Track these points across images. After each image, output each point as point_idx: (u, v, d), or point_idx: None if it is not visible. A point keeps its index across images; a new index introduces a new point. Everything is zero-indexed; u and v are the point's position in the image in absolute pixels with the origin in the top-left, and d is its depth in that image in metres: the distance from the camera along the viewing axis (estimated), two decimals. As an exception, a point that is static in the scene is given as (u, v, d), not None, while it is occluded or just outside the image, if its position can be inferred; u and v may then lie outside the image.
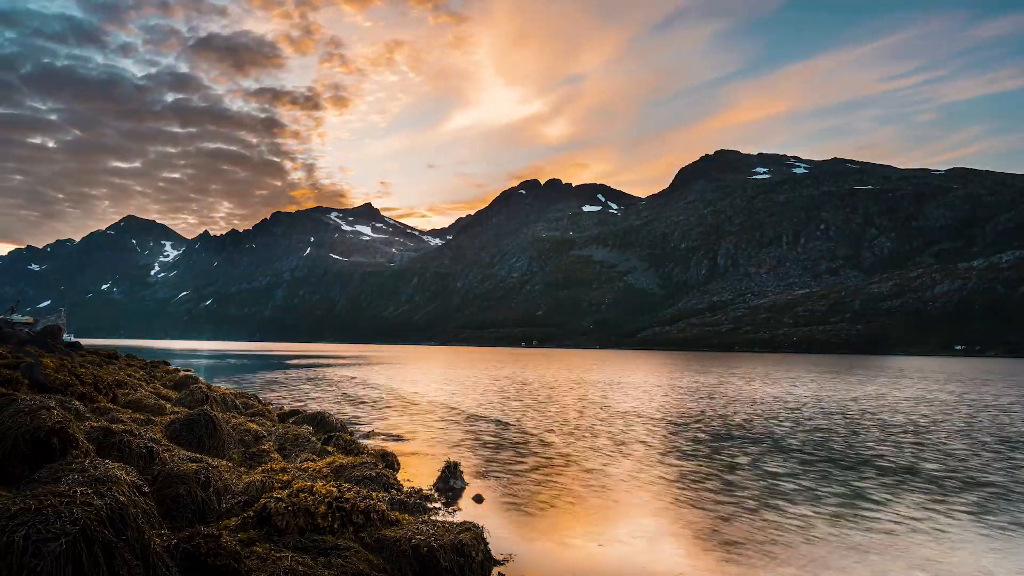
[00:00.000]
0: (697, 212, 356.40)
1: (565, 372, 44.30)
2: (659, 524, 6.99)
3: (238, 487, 5.83)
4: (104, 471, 3.96)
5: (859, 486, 8.90)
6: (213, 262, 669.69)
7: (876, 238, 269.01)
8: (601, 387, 28.94)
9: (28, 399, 5.16)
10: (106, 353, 22.15)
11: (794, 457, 11.15)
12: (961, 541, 6.50)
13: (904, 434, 14.39)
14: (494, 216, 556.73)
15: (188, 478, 5.23)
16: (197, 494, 5.17)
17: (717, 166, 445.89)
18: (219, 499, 5.36)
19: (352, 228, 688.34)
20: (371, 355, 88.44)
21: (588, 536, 6.48)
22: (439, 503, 7.52)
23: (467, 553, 5.02)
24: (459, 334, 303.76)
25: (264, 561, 4.09)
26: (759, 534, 6.57)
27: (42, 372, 9.04)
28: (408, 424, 14.94)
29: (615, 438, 13.05)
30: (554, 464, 10.22)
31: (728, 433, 14.12)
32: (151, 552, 3.47)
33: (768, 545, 6.21)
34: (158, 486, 5.02)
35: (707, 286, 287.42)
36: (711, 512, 7.41)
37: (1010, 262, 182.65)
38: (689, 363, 70.57)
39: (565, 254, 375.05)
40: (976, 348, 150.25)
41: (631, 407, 19.64)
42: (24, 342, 17.15)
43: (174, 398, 12.25)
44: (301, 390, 24.70)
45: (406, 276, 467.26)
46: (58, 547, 2.99)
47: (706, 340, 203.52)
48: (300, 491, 5.29)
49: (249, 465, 7.34)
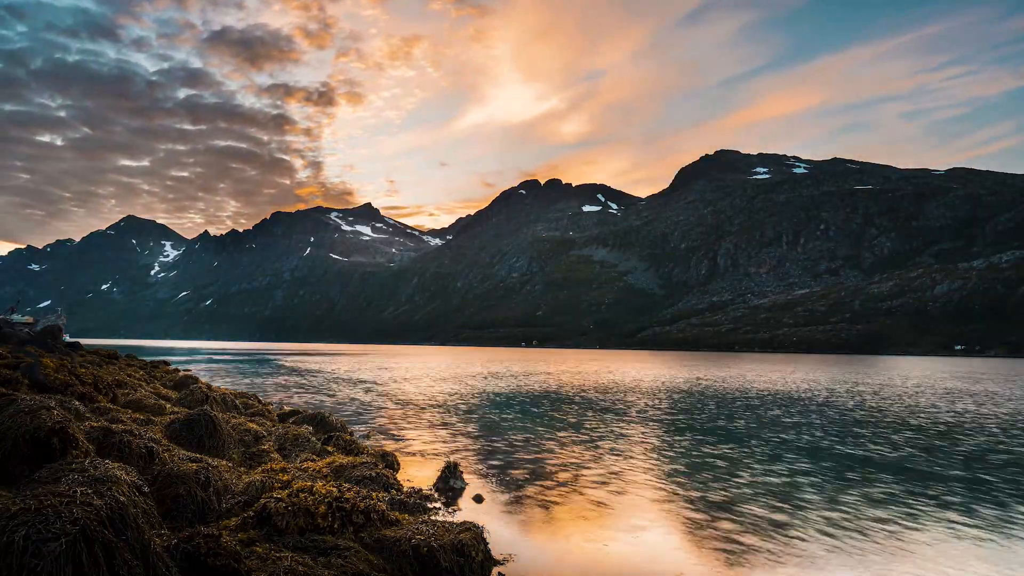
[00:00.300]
0: (697, 212, 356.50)
1: (565, 372, 44.30)
2: (660, 524, 6.98)
3: (238, 487, 5.83)
4: (104, 471, 3.96)
5: (864, 487, 8.90)
6: (213, 262, 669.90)
7: (876, 238, 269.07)
8: (601, 386, 28.94)
9: (28, 399, 5.16)
10: (106, 353, 22.15)
11: (799, 457, 11.15)
12: (985, 544, 6.50)
13: (918, 437, 14.39)
14: (494, 216, 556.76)
15: (188, 478, 5.22)
16: (197, 494, 5.16)
17: (717, 166, 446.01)
18: (219, 499, 5.35)
19: (352, 228, 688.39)
20: (371, 355, 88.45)
21: (589, 536, 6.48)
22: (439, 503, 7.51)
23: (467, 553, 5.02)
24: (459, 334, 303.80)
25: (264, 561, 4.09)
26: (760, 534, 6.57)
27: (42, 372, 9.04)
28: (408, 424, 14.94)
29: (616, 438, 13.05)
30: (554, 464, 10.22)
31: (729, 432, 14.12)
32: (151, 552, 3.47)
33: (769, 545, 6.21)
34: (158, 486, 5.02)
35: (707, 286, 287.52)
36: (712, 512, 7.41)
37: (1010, 262, 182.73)
38: (689, 363, 70.59)
39: (565, 254, 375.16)
40: (976, 348, 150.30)
41: (631, 407, 19.65)
42: (24, 342, 17.15)
43: (174, 398, 12.25)
44: (301, 390, 24.70)
45: (406, 276, 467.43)
46: (58, 547, 2.99)
47: (706, 340, 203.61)
48: (300, 491, 5.29)
49: (249, 465, 7.34)
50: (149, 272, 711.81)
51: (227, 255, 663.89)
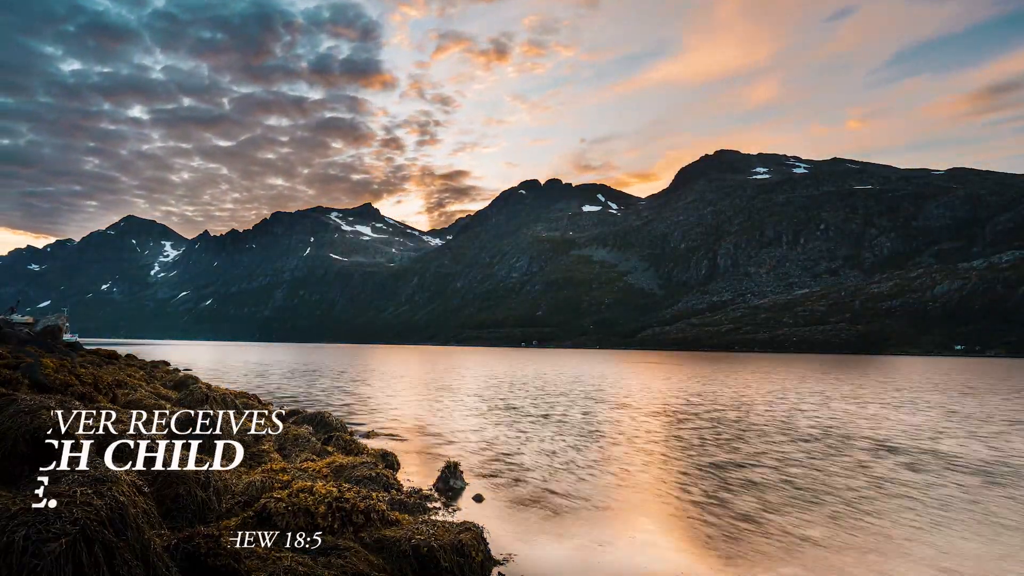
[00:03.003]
0: (697, 212, 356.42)
1: (565, 371, 44.28)
2: (659, 524, 6.98)
3: (238, 487, 5.83)
4: (104, 471, 3.95)
5: (866, 488, 8.90)
6: (213, 262, 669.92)
7: (876, 238, 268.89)
8: (601, 386, 28.93)
9: (28, 399, 5.17)
10: (106, 353, 22.16)
11: (797, 457, 11.14)
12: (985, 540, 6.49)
13: (922, 438, 14.39)
14: (494, 216, 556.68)
15: (188, 478, 5.22)
16: (197, 494, 5.16)
17: (717, 166, 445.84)
18: (219, 499, 5.36)
19: (352, 228, 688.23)
20: (371, 355, 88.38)
21: (588, 536, 6.48)
22: (439, 503, 7.51)
23: (467, 553, 5.02)
24: (459, 334, 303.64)
25: (264, 561, 4.09)
26: (760, 534, 6.57)
27: (42, 372, 9.04)
28: (408, 424, 14.94)
29: (616, 438, 13.05)
30: (554, 464, 10.22)
31: (730, 432, 14.12)
32: (151, 552, 3.48)
33: (769, 545, 6.21)
34: (158, 486, 5.02)
35: (707, 286, 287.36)
36: (712, 512, 7.41)
37: (1010, 262, 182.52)
38: (689, 363, 70.54)
39: (565, 254, 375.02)
40: (976, 348, 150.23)
41: (631, 406, 19.64)
42: (24, 342, 17.15)
43: (174, 398, 12.24)
44: (301, 390, 24.70)
45: (406, 276, 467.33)
46: (58, 547, 3.01)
47: (706, 340, 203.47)
48: (300, 491, 5.29)
49: (249, 465, 7.34)
50: (149, 272, 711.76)
51: (227, 255, 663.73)
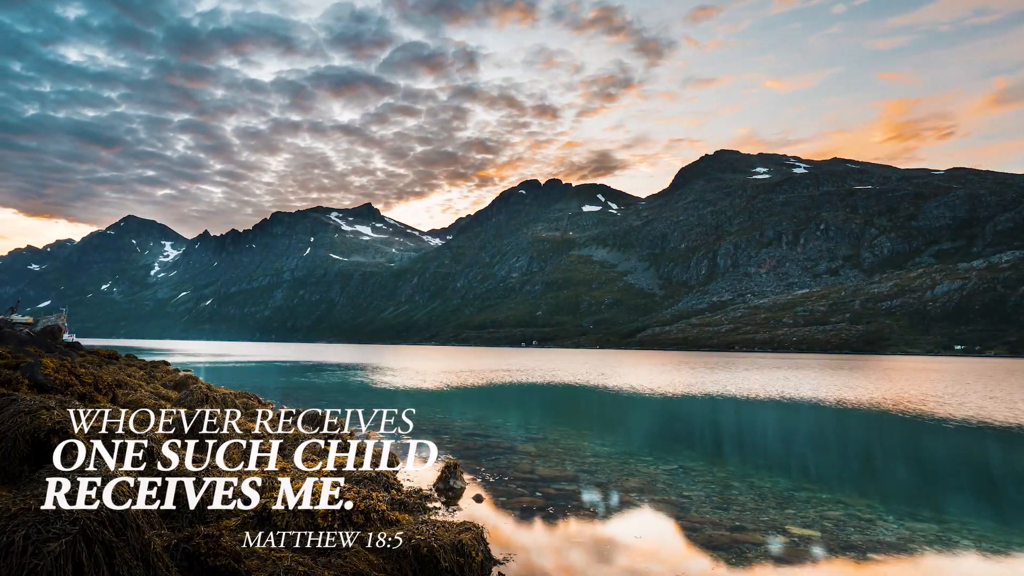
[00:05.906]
0: (697, 212, 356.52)
1: (565, 372, 44.29)
2: (660, 523, 6.98)
3: (238, 487, 5.82)
4: (104, 471, 3.95)
5: (866, 488, 8.90)
6: (213, 262, 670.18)
7: (876, 238, 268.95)
8: (601, 386, 28.93)
9: (28, 399, 5.17)
10: (106, 353, 22.16)
11: (799, 458, 11.15)
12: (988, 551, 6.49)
13: (928, 440, 14.38)
14: (494, 216, 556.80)
15: (188, 478, 5.22)
16: (197, 493, 5.16)
17: (717, 166, 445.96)
18: (219, 499, 5.35)
19: (352, 228, 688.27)
20: (371, 355, 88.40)
21: (589, 536, 6.48)
22: (439, 503, 7.51)
23: (467, 553, 5.02)
24: (459, 334, 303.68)
25: (264, 561, 4.09)
26: (761, 534, 6.57)
27: (42, 372, 9.04)
28: (409, 424, 14.94)
29: (616, 437, 13.05)
30: (555, 464, 10.22)
31: (730, 432, 14.12)
32: (151, 552, 3.47)
33: (769, 545, 6.21)
34: (158, 486, 5.02)
35: (707, 286, 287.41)
36: (712, 512, 7.41)
37: (1010, 262, 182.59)
38: (690, 363, 70.55)
39: (565, 254, 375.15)
40: (976, 348, 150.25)
41: (631, 406, 19.64)
42: (24, 342, 17.15)
43: (174, 398, 12.24)
44: (301, 390, 24.70)
45: (406, 276, 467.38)
46: (58, 547, 3.00)
47: (706, 340, 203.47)
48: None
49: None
50: (149, 272, 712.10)
51: (227, 255, 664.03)
